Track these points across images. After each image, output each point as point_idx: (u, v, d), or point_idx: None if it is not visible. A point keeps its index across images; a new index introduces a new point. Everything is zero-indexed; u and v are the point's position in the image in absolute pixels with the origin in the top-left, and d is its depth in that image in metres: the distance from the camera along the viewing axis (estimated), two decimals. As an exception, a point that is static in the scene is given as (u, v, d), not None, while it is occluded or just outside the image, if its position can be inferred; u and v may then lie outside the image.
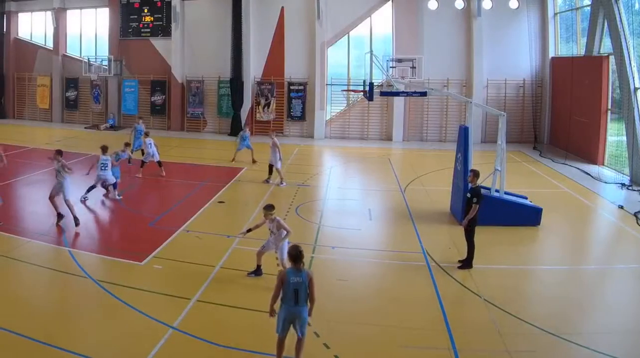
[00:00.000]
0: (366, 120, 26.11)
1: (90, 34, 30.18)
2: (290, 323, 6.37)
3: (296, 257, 6.32)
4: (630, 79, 17.17)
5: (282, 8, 26.14)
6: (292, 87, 26.22)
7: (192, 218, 12.56)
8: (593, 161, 19.65)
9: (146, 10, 28.16)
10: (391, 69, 22.11)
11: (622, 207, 14.06)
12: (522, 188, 14.14)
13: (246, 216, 12.84)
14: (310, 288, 6.30)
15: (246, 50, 26.15)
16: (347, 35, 26.12)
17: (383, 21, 25.77)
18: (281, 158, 16.22)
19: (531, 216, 12.35)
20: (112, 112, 28.96)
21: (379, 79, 19.94)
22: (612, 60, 18.92)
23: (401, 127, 25.48)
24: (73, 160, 17.53)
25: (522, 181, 16.41)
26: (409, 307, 8.36)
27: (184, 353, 6.88)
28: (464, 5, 24.85)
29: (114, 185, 14.03)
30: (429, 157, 22.00)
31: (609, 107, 19.64)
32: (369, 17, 25.81)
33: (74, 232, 11.36)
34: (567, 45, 23.85)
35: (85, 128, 28.33)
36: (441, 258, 10.31)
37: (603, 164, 19.52)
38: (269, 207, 8.91)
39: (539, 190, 15.65)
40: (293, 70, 26.24)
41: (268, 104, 26.49)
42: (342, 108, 26.67)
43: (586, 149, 20.40)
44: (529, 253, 11.12)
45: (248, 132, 19.64)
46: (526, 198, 13.13)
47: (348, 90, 24.92)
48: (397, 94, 16.67)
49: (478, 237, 9.84)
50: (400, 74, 22.39)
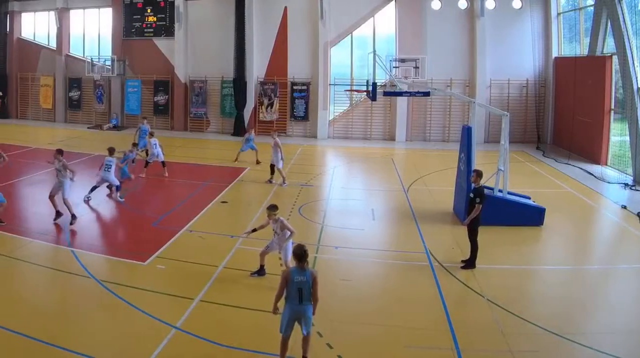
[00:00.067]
0: (369, 120, 26.09)
1: (94, 34, 30.15)
2: (294, 322, 6.39)
3: (301, 256, 6.34)
4: (634, 78, 17.13)
5: (285, 8, 26.11)
6: (295, 87, 26.20)
7: (195, 219, 12.59)
8: (596, 161, 19.62)
9: (149, 10, 28.16)
10: (394, 69, 22.13)
11: (625, 207, 14.03)
12: (525, 188, 14.14)
13: (249, 216, 12.85)
14: (313, 288, 6.31)
15: (249, 50, 26.15)
16: (350, 35, 26.07)
17: (386, 21, 25.73)
18: (283, 158, 16.20)
19: (534, 216, 12.35)
20: (115, 112, 28.99)
21: (382, 79, 19.98)
22: (615, 60, 18.89)
23: (404, 127, 25.44)
24: (76, 161, 17.62)
25: (525, 181, 16.39)
26: (412, 307, 8.37)
27: (187, 353, 6.89)
28: (467, 5, 24.79)
29: (117, 188, 14.07)
30: (432, 157, 21.99)
31: (612, 107, 19.61)
32: (372, 17, 25.78)
33: (76, 232, 11.38)
34: (570, 45, 23.80)
35: (88, 128, 28.35)
36: (444, 258, 10.31)
37: (606, 164, 19.49)
38: (272, 208, 8.92)
39: (542, 190, 15.63)
40: (296, 70, 26.21)
41: (271, 104, 26.49)
42: (345, 108, 26.65)
43: (589, 148, 20.37)
44: (532, 254, 11.11)
45: (253, 134, 19.69)
46: (529, 198, 13.13)
47: (351, 90, 24.85)
48: (400, 94, 16.69)
49: (481, 237, 9.84)
50: (403, 74, 22.42)
